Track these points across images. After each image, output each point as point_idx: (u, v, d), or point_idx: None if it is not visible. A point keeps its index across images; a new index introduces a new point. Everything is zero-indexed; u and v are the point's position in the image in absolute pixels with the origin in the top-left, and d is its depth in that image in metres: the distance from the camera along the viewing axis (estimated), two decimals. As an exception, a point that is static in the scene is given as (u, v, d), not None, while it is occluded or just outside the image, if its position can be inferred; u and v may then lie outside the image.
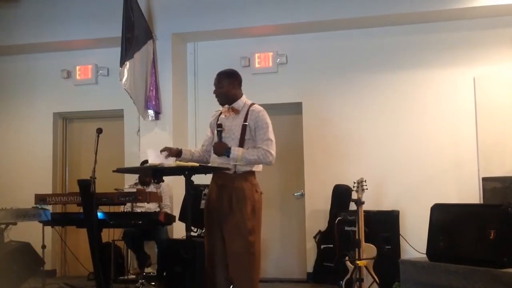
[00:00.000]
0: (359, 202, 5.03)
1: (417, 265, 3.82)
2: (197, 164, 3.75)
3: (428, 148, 6.09)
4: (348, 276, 5.05)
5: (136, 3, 6.18)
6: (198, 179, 4.16)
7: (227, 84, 3.87)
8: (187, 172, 3.64)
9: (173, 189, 6.16)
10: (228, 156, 3.71)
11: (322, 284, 5.92)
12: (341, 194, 5.96)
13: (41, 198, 4.87)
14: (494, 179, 5.24)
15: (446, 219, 3.79)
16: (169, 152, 3.80)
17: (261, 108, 3.87)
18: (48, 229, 5.77)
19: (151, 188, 5.90)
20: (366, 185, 5.07)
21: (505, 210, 3.42)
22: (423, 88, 6.19)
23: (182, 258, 4.99)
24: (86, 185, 4.26)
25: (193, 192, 4.54)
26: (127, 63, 5.97)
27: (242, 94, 3.94)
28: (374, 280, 4.94)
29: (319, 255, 6.05)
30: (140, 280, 5.68)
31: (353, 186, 5.14)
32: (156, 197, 5.17)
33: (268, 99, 5.95)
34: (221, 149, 3.74)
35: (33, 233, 5.49)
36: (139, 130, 6.63)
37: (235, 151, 3.71)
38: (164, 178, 5.66)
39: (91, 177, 4.21)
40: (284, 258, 6.59)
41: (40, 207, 4.91)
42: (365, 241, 4.99)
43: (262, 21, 6.32)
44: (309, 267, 6.24)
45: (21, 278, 5.16)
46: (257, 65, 6.63)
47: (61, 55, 7.15)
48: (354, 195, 5.14)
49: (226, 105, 3.90)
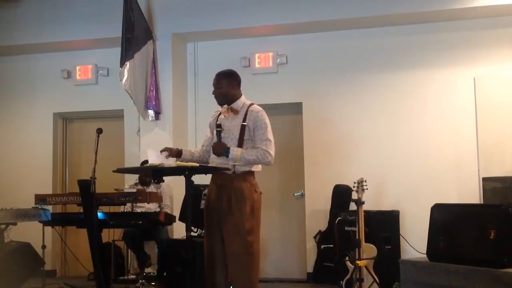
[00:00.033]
0: (359, 202, 5.03)
1: (417, 265, 3.82)
2: (197, 164, 3.75)
3: (428, 148, 6.09)
4: (348, 276, 5.05)
5: (136, 3, 6.18)
6: (198, 179, 4.17)
7: (226, 85, 3.87)
8: (187, 172, 3.64)
9: (173, 189, 6.16)
10: (227, 156, 3.71)
11: (322, 284, 5.91)
12: (341, 194, 5.96)
13: (41, 198, 4.86)
14: (494, 179, 5.24)
15: (446, 219, 3.79)
16: (169, 152, 3.80)
17: (260, 108, 3.86)
18: (48, 229, 5.76)
19: (151, 188, 5.90)
20: (366, 185, 5.07)
21: (505, 210, 3.42)
22: (423, 88, 6.19)
23: (182, 258, 5.00)
24: (86, 185, 4.26)
25: (193, 192, 4.54)
26: (127, 63, 5.97)
27: (241, 95, 3.94)
28: (374, 280, 4.94)
29: (319, 255, 6.05)
30: (140, 280, 5.68)
31: (353, 186, 5.14)
32: (156, 197, 5.17)
33: (268, 99, 5.96)
34: (220, 149, 3.74)
35: (33, 233, 5.48)
36: (139, 130, 6.63)
37: (234, 151, 3.71)
38: (164, 178, 5.60)
39: (91, 177, 4.22)
40: (284, 258, 6.59)
41: (40, 207, 4.90)
42: (365, 241, 4.99)
43: (262, 21, 6.32)
44: (309, 267, 6.24)
45: (21, 278, 5.16)
46: (257, 65, 6.62)
47: (61, 55, 7.15)
48: (354, 195, 5.14)
49: (225, 106, 3.90)
